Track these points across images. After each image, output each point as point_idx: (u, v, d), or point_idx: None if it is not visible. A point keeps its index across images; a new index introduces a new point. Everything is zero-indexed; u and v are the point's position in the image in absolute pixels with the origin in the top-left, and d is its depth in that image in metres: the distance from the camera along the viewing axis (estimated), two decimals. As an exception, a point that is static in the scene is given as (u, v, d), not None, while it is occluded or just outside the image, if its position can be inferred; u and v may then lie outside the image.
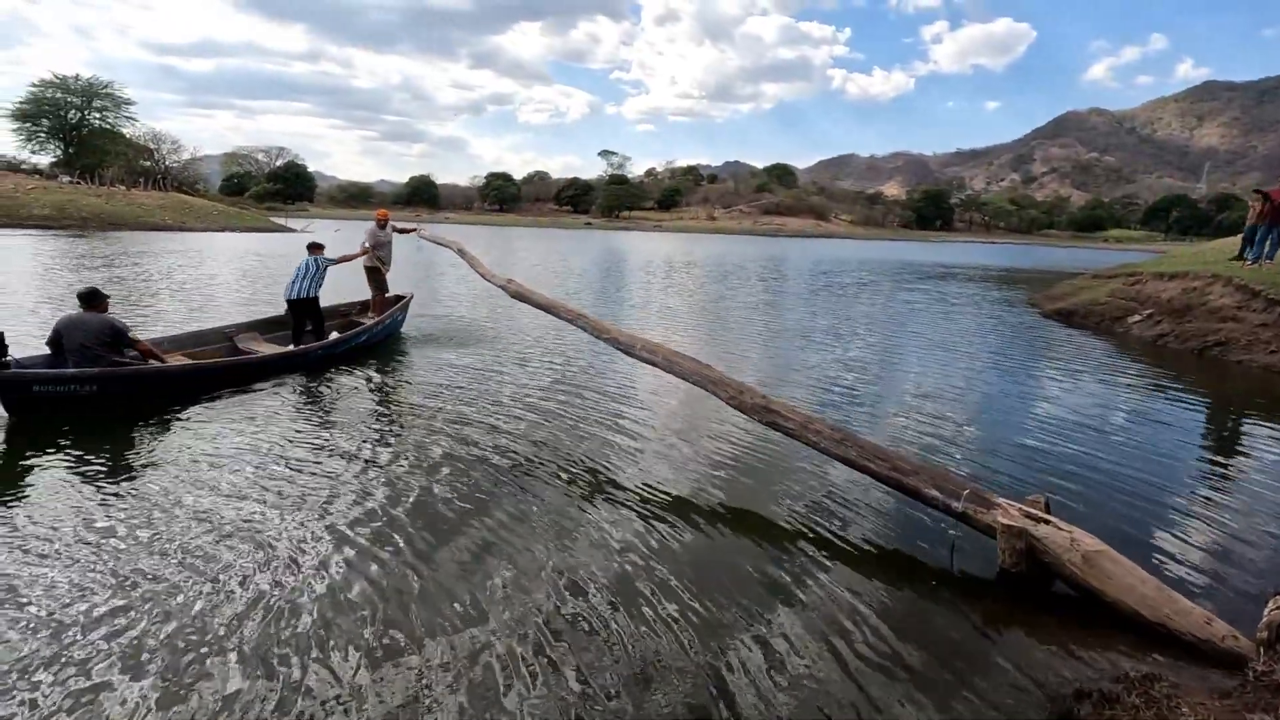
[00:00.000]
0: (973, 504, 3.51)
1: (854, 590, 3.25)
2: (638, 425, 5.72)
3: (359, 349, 7.99)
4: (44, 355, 5.57)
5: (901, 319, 13.82)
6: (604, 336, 5.79)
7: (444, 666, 2.57)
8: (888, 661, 2.73)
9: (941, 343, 10.88)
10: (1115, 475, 4.97)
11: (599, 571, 3.31)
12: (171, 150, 75.68)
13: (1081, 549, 3.13)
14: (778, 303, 16.22)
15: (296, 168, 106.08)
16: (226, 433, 5.06)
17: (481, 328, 10.28)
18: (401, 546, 3.47)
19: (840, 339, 10.86)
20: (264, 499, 3.93)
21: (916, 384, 7.80)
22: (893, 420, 6.26)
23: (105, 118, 66.29)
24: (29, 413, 5.07)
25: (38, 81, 63.37)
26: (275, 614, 2.85)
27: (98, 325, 5.57)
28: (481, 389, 6.65)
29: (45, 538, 3.38)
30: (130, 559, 3.22)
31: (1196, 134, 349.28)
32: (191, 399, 5.75)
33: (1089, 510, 4.28)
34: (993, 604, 3.21)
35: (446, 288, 15.27)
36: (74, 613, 2.79)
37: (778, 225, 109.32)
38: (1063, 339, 11.79)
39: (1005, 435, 5.90)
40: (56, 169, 58.36)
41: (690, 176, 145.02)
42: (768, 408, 4.44)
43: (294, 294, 7.85)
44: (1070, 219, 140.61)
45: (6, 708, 2.29)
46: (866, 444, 4.04)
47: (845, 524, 3.98)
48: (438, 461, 4.67)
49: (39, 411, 5.09)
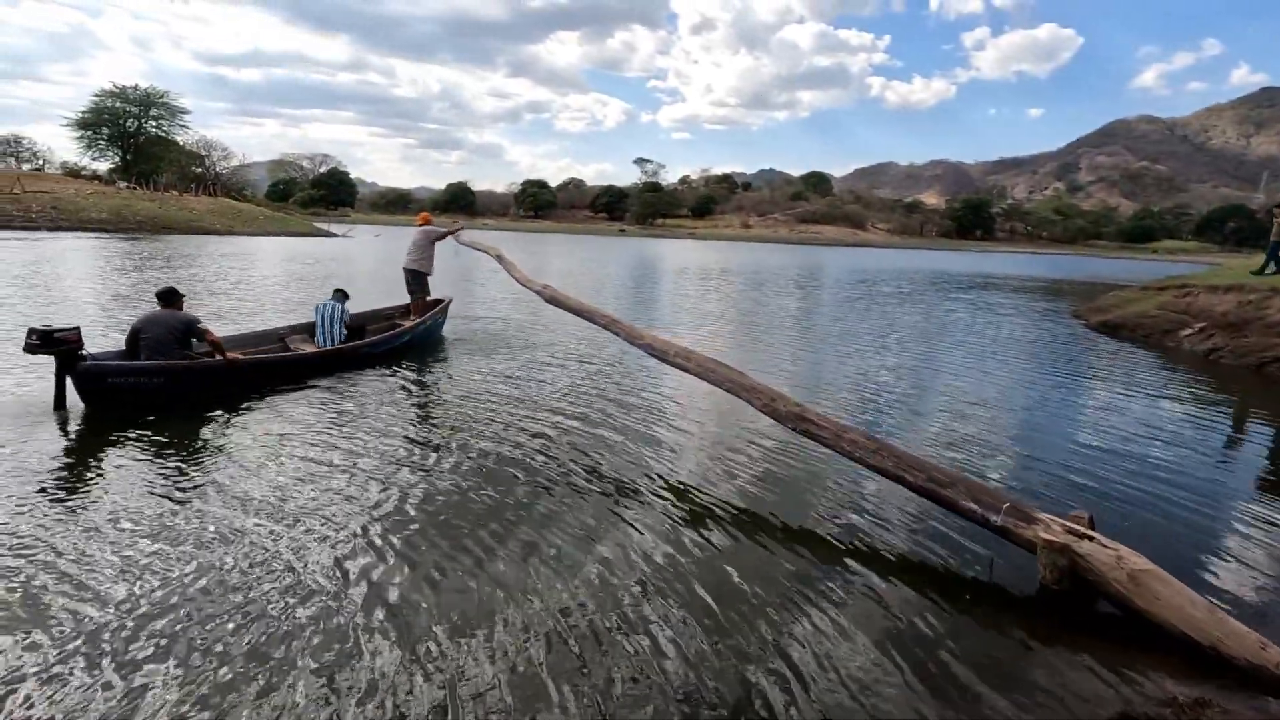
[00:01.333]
0: (1013, 518, 3.42)
1: (887, 603, 3.20)
2: (670, 431, 5.73)
3: (401, 349, 8.22)
4: (120, 350, 5.92)
5: (941, 328, 13.57)
6: (638, 342, 5.82)
7: (482, 664, 2.61)
8: (923, 677, 2.68)
9: (982, 353, 10.64)
10: (1164, 493, 4.80)
11: (630, 576, 3.32)
12: (222, 157, 78.53)
13: (1128, 567, 3.03)
14: (813, 310, 16.07)
15: (339, 174, 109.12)
16: (278, 426, 5.26)
17: (517, 332, 10.41)
18: (436, 544, 3.52)
19: (878, 348, 10.71)
20: (309, 490, 4.05)
21: (955, 395, 7.65)
22: (930, 431, 6.15)
23: (161, 126, 69.10)
24: (104, 403, 5.40)
25: (99, 91, 66.41)
26: (309, 599, 2.93)
27: (172, 322, 5.87)
28: (517, 392, 6.73)
29: (110, 520, 3.54)
30: (188, 539, 3.35)
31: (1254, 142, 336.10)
32: (249, 393, 6.04)
33: (1135, 528, 4.14)
34: (1033, 622, 3.12)
35: (484, 292, 15.50)
36: (136, 590, 2.91)
37: (813, 234, 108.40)
38: (1109, 352, 11.43)
39: (1047, 449, 5.74)
40: (114, 175, 61.01)
41: (725, 184, 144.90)
42: (802, 416, 4.40)
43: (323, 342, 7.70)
44: (1118, 229, 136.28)
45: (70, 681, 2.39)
46: (902, 454, 3.98)
47: (879, 536, 3.92)
48: (474, 462, 4.73)
49: (113, 402, 5.41)
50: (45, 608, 2.82)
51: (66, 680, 2.42)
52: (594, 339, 9.56)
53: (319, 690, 2.43)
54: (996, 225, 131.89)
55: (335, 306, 7.95)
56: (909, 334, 12.63)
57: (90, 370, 5.33)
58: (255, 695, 2.39)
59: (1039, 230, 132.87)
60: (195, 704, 2.33)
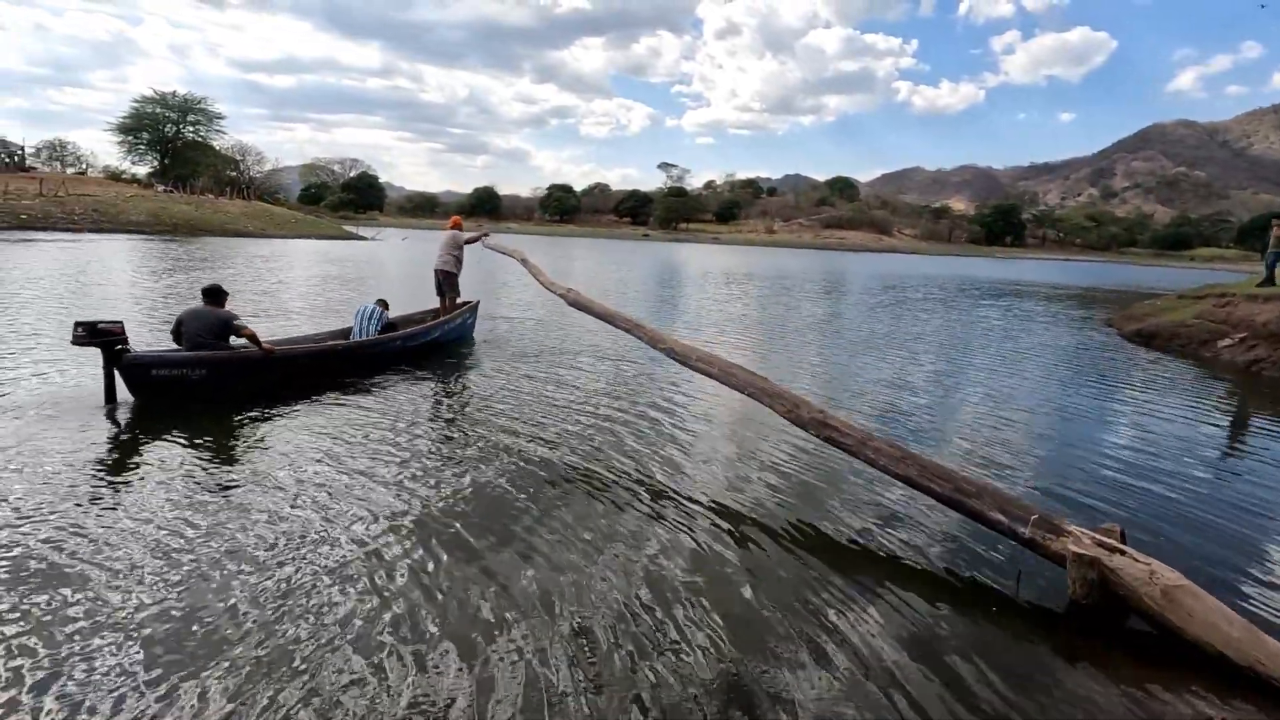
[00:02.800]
0: (1041, 530, 3.36)
1: (910, 614, 3.15)
2: (691, 436, 5.71)
3: (432, 347, 8.46)
4: (169, 346, 6.16)
5: (969, 336, 13.35)
6: (660, 346, 5.82)
7: (497, 666, 2.62)
8: (947, 691, 2.63)
9: (1011, 361, 10.45)
10: (1199, 507, 4.66)
11: (651, 583, 3.31)
12: (255, 161, 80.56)
13: (1161, 583, 2.95)
14: (838, 316, 15.92)
15: (369, 178, 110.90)
16: (315, 420, 5.46)
17: (541, 335, 10.48)
18: (453, 543, 3.56)
19: (904, 355, 10.57)
20: (342, 484, 4.13)
21: (982, 403, 7.52)
22: (956, 440, 6.05)
23: (198, 131, 71.04)
24: (151, 395, 5.64)
25: (139, 98, 68.54)
26: (331, 592, 2.97)
27: (212, 318, 6.07)
28: (541, 395, 6.78)
29: (153, 509, 3.65)
30: (229, 526, 3.44)
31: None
32: (286, 389, 6.23)
33: (1169, 543, 4.03)
34: (1061, 636, 3.05)
35: (509, 295, 15.63)
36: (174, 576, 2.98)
37: (838, 239, 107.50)
38: (1143, 361, 11.15)
39: (1077, 460, 5.62)
40: (153, 178, 62.75)
41: (749, 189, 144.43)
42: (825, 422, 4.36)
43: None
44: (1154, 236, 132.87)
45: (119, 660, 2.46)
46: (928, 463, 3.92)
47: (903, 546, 3.86)
48: (499, 462, 4.77)
49: (159, 394, 5.65)
50: (89, 587, 2.91)
51: (108, 661, 2.49)
52: (617, 342, 9.58)
53: (344, 679, 2.46)
54: (1027, 231, 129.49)
55: (374, 309, 8.16)
56: (935, 341, 12.45)
57: (134, 362, 5.54)
58: (294, 685, 2.43)
59: (1071, 237, 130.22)
60: (232, 690, 2.38)
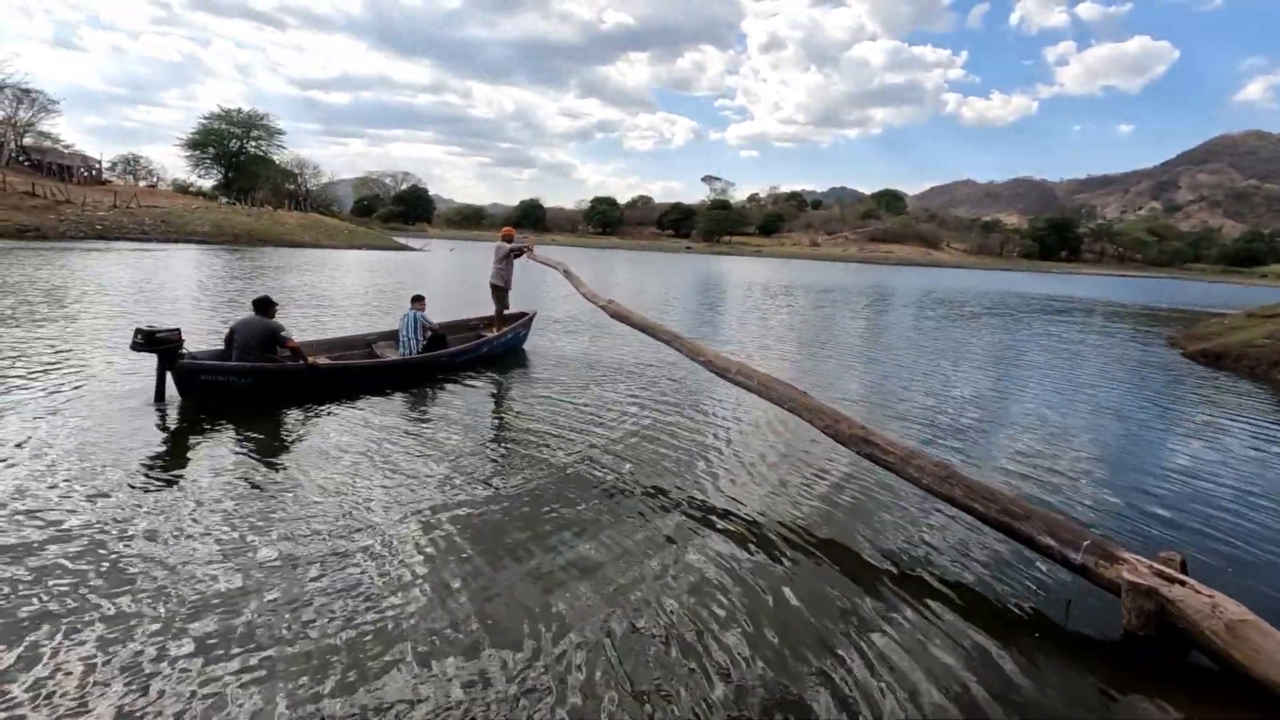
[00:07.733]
0: (1094, 556, 3.23)
1: (953, 641, 3.05)
2: (730, 450, 5.68)
3: (481, 359, 8.58)
4: (218, 350, 6.47)
5: (1021, 353, 12.94)
6: (699, 359, 5.81)
7: (540, 668, 2.65)
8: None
9: (1066, 380, 10.08)
10: (1268, 538, 4.41)
11: (688, 597, 3.30)
12: (312, 175, 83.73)
13: (1225, 616, 2.81)
14: (885, 330, 15.63)
15: (419, 191, 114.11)
16: (354, 428, 5.54)
17: (583, 345, 10.57)
18: (500, 548, 3.61)
19: (952, 371, 10.30)
20: (378, 491, 4.23)
21: (1035, 423, 7.27)
22: (1006, 460, 5.86)
23: (260, 146, 74.18)
24: (199, 398, 5.92)
25: (207, 114, 72.06)
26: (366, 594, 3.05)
27: (261, 328, 6.32)
28: (581, 406, 6.83)
29: (195, 505, 3.81)
30: (271, 527, 3.57)
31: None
32: (331, 395, 6.40)
33: (1234, 575, 3.82)
34: (1114, 670, 2.92)
35: (553, 306, 15.82)
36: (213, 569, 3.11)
37: (883, 253, 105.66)
38: (1209, 383, 10.62)
39: (1135, 484, 5.38)
40: (217, 191, 65.85)
41: (793, 202, 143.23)
42: (867, 439, 4.29)
43: (405, 350, 7.98)
44: (1221, 252, 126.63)
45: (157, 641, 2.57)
46: (974, 483, 3.81)
47: (947, 569, 3.75)
48: (541, 473, 4.83)
49: (206, 397, 5.92)
50: (132, 581, 3.05)
51: (155, 650, 2.60)
52: (657, 354, 9.60)
53: (400, 680, 2.52)
54: (1083, 246, 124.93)
55: (416, 316, 8.26)
56: (986, 357, 12.11)
57: (187, 368, 5.84)
58: (335, 683, 2.50)
59: (1131, 252, 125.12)
60: (274, 687, 2.46)
